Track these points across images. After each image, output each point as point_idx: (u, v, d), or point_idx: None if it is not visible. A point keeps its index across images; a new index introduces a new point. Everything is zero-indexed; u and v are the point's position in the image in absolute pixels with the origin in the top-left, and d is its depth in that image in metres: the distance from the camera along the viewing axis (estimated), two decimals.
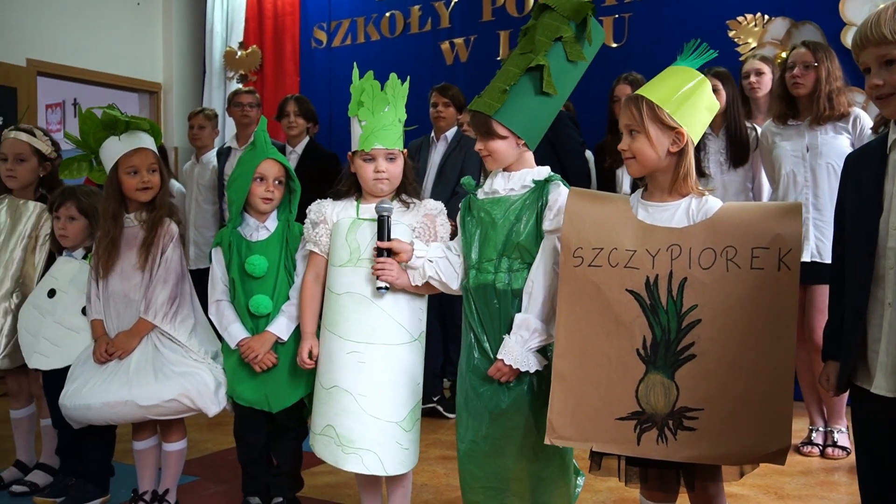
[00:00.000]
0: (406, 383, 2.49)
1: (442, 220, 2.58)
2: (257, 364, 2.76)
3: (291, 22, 7.11)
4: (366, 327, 2.48)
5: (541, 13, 2.35)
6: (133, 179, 2.93)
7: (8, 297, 3.31)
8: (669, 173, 2.02)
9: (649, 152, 2.00)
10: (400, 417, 2.46)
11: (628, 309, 1.96)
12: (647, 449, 1.93)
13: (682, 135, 1.99)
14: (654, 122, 1.99)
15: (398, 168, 2.55)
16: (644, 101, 2.00)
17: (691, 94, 2.02)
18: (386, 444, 2.45)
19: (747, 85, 4.26)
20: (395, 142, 2.53)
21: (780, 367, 1.85)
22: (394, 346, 2.48)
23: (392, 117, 2.52)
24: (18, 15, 6.51)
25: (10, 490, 3.37)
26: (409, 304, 2.52)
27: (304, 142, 5.13)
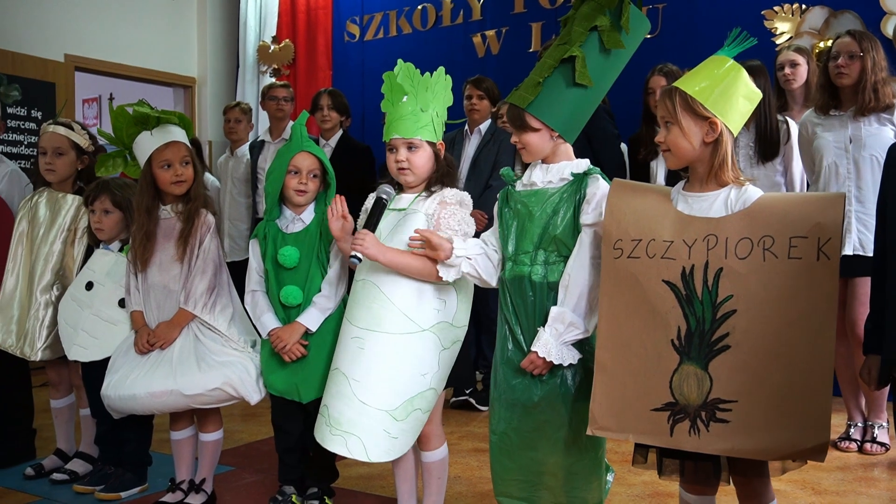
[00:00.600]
0: (406, 373, 2.45)
1: (453, 211, 2.51)
2: (286, 354, 2.78)
3: (324, 16, 7.14)
4: (370, 314, 2.49)
5: (581, 3, 2.32)
6: (167, 173, 2.96)
7: (48, 290, 3.37)
8: (706, 163, 2.00)
9: (683, 143, 1.98)
10: (392, 406, 2.44)
11: (664, 300, 1.94)
12: (680, 440, 1.92)
13: (715, 125, 1.96)
14: (686, 113, 1.97)
15: (420, 158, 2.53)
16: (677, 93, 1.99)
17: (725, 83, 1.99)
18: (372, 430, 2.43)
19: (782, 77, 4.20)
20: (414, 131, 2.50)
21: (819, 359, 1.81)
22: (396, 335, 2.45)
23: (412, 107, 2.50)
24: (57, 11, 6.60)
25: (50, 478, 3.44)
26: (420, 295, 2.47)
27: (338, 135, 5.15)
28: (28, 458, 3.71)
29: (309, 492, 2.99)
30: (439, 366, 2.50)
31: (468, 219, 2.53)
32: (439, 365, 2.50)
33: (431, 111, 2.53)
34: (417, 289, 2.48)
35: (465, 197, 2.57)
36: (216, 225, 3.05)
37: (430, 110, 2.52)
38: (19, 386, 3.76)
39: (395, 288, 2.49)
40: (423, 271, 2.44)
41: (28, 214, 3.45)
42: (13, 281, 3.40)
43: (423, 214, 2.52)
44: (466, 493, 3.19)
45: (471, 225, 2.54)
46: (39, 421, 3.92)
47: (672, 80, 4.13)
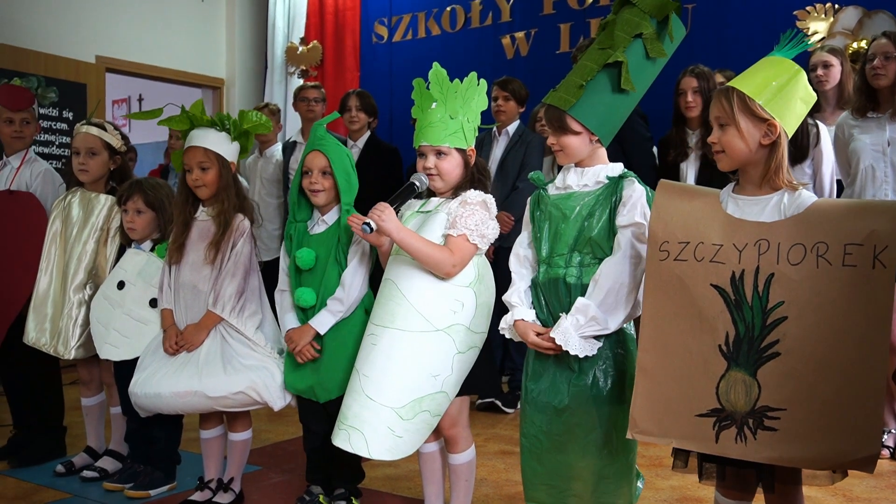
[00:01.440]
0: (416, 371, 2.42)
1: (473, 210, 2.47)
2: (298, 356, 2.80)
3: (352, 17, 7.15)
4: (386, 311, 2.49)
5: (621, 7, 2.32)
6: (189, 178, 2.99)
7: (82, 289, 3.39)
8: (761, 166, 1.96)
9: (739, 145, 1.95)
10: (398, 404, 2.40)
11: (712, 304, 1.91)
12: (726, 447, 1.88)
13: (774, 127, 1.93)
14: (744, 114, 1.93)
15: (448, 164, 2.52)
16: (734, 93, 1.94)
17: (785, 85, 1.95)
18: (376, 427, 2.40)
19: (814, 78, 4.14)
20: (442, 138, 2.49)
21: (871, 369, 1.76)
22: (408, 332, 2.43)
23: (441, 114, 2.50)
24: (89, 14, 6.68)
25: (80, 475, 3.46)
26: (436, 294, 2.46)
27: (366, 136, 5.16)
28: (58, 456, 3.74)
29: (336, 492, 2.99)
30: (453, 370, 2.46)
31: (488, 222, 2.50)
32: (453, 369, 2.46)
33: (461, 118, 2.51)
34: (434, 287, 2.47)
35: (489, 199, 2.55)
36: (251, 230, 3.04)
37: (459, 117, 2.51)
38: (50, 384, 3.80)
39: (410, 284, 2.48)
40: (434, 258, 2.42)
41: (62, 214, 3.48)
42: (47, 280, 3.44)
43: (445, 214, 2.52)
44: (493, 496, 3.18)
45: (491, 228, 2.51)
46: (69, 419, 3.96)
47: (703, 82, 4.14)
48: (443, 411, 2.50)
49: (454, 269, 2.45)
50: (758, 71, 2.00)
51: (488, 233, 2.49)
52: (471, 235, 2.45)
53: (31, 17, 6.29)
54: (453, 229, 2.46)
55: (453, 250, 2.44)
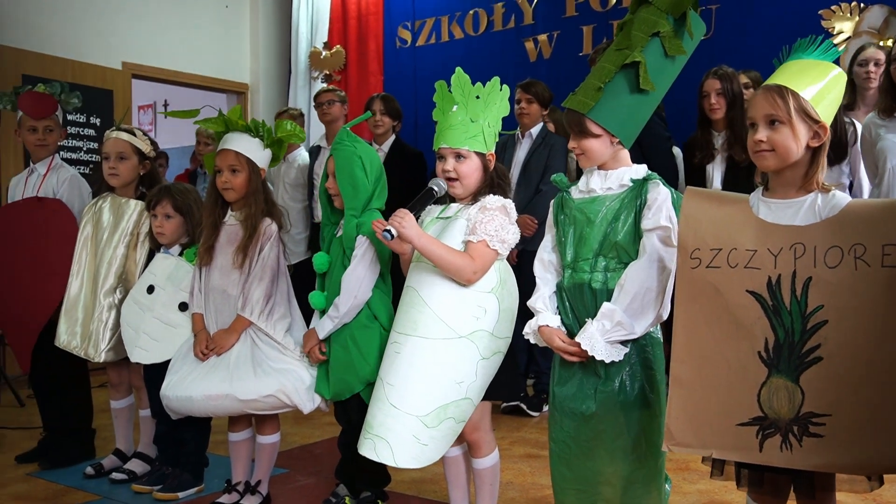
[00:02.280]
0: (440, 379, 2.41)
1: (492, 216, 2.46)
2: (310, 358, 2.89)
3: (375, 22, 7.18)
4: (408, 319, 2.49)
5: (638, 7, 2.29)
6: (219, 179, 3.02)
7: (112, 293, 3.43)
8: (801, 168, 1.93)
9: (792, 146, 1.91)
10: (423, 412, 2.40)
11: (749, 311, 1.88)
12: (770, 456, 1.85)
13: (824, 129, 1.91)
14: (800, 115, 1.90)
15: (467, 168, 2.51)
16: (790, 93, 1.91)
17: (832, 89, 1.94)
18: (401, 435, 2.40)
19: (863, 73, 4.07)
20: (462, 141, 2.49)
21: None
22: (431, 339, 2.42)
23: (461, 117, 2.49)
24: (115, 21, 6.75)
25: (109, 477, 3.50)
26: (458, 300, 2.45)
27: (391, 140, 5.17)
28: (88, 458, 3.78)
29: (362, 495, 3.01)
30: (477, 376, 2.45)
31: (508, 227, 2.49)
32: (477, 375, 2.45)
33: (482, 121, 2.50)
34: (456, 294, 2.46)
35: (509, 204, 2.53)
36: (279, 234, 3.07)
37: (480, 120, 2.50)
38: (79, 386, 3.84)
39: (431, 291, 2.47)
40: (455, 265, 2.42)
41: (92, 219, 3.52)
42: (78, 284, 3.48)
43: (465, 220, 2.51)
44: (519, 499, 3.17)
45: (512, 234, 2.49)
46: (98, 421, 4.00)
47: (727, 83, 4.11)
48: (468, 417, 2.49)
49: (475, 276, 2.44)
50: (804, 72, 1.95)
51: (508, 238, 2.48)
52: (491, 241, 2.44)
53: (59, 25, 6.37)
54: (473, 235, 2.45)
55: (474, 257, 2.44)
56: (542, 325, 2.28)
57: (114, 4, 6.74)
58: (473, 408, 2.49)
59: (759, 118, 1.94)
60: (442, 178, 2.54)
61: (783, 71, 1.97)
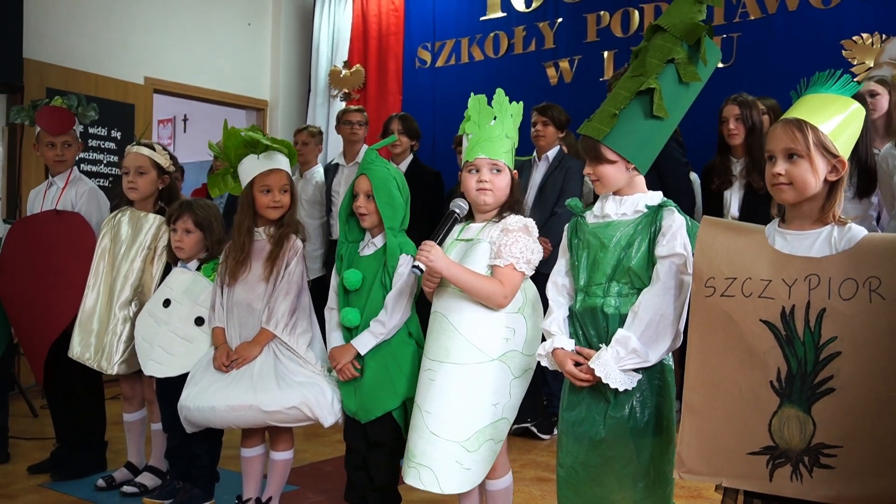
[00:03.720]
0: (476, 403, 2.44)
1: (516, 238, 2.48)
2: (340, 374, 2.85)
3: (395, 42, 7.23)
4: (439, 346, 2.51)
5: (653, 34, 2.29)
6: (266, 197, 3.03)
7: (127, 306, 3.45)
8: (818, 202, 1.93)
9: (811, 179, 1.91)
10: (463, 437, 2.43)
11: (762, 340, 1.88)
12: (780, 486, 1.84)
13: (843, 164, 1.91)
14: (819, 150, 1.91)
15: (502, 181, 2.53)
16: (809, 127, 1.92)
17: (851, 123, 1.95)
18: (445, 462, 2.43)
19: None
20: (501, 154, 2.52)
21: None
22: (464, 365, 2.45)
23: (499, 131, 2.52)
24: (138, 36, 6.84)
25: (121, 490, 3.51)
26: (487, 324, 2.47)
27: (409, 160, 5.20)
28: (99, 470, 3.80)
29: None
30: (511, 395, 2.48)
31: (532, 245, 2.50)
32: (511, 394, 2.48)
33: (513, 139, 2.56)
34: (485, 317, 2.48)
35: (530, 223, 2.55)
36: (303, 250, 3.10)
37: (512, 137, 2.55)
38: (93, 399, 3.86)
39: (461, 317, 2.49)
40: (486, 291, 2.44)
41: (111, 232, 3.55)
42: (94, 296, 3.50)
43: (488, 243, 2.52)
44: None
45: (536, 252, 2.51)
46: (110, 434, 4.01)
47: (747, 110, 4.12)
48: (504, 436, 2.52)
49: (506, 301, 2.47)
50: (824, 107, 1.96)
51: (533, 258, 2.50)
52: (517, 263, 2.46)
53: (84, 40, 6.46)
54: (499, 259, 2.46)
55: (503, 281, 2.45)
56: (556, 348, 2.28)
57: (137, 20, 6.83)
58: (509, 425, 2.52)
59: (777, 151, 1.95)
60: (475, 190, 2.54)
61: (802, 104, 1.98)
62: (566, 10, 6.25)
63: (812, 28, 5.16)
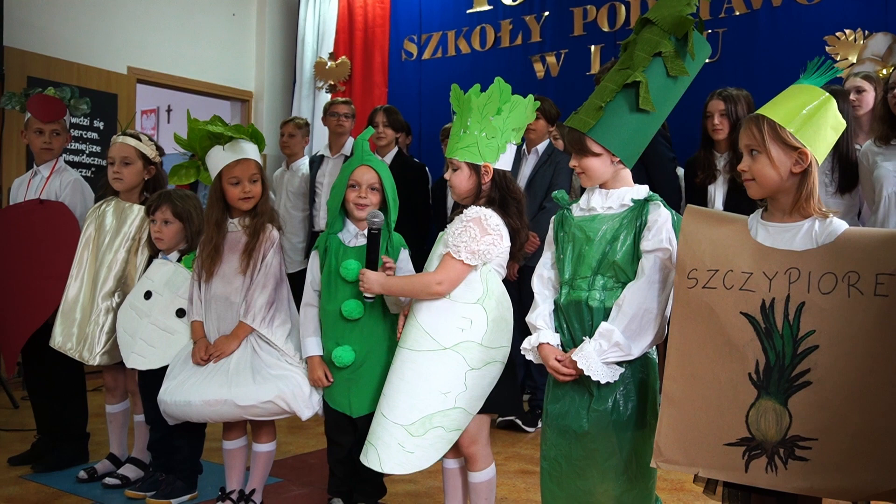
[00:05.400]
0: (424, 390, 2.47)
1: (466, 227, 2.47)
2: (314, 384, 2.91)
3: (381, 34, 7.20)
4: (404, 333, 2.58)
5: (642, 28, 2.30)
6: (235, 189, 3.00)
7: (110, 297, 3.43)
8: (791, 194, 1.95)
9: (770, 173, 1.94)
10: (407, 421, 2.47)
11: (742, 332, 1.90)
12: (755, 477, 1.86)
13: (805, 155, 1.92)
14: (775, 142, 1.93)
15: (457, 178, 2.54)
16: (765, 121, 1.94)
17: (816, 112, 1.95)
18: (388, 443, 2.49)
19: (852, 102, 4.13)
20: (453, 151, 2.53)
21: None
22: (416, 352, 2.50)
23: (457, 127, 2.53)
24: (122, 26, 6.78)
25: (103, 482, 3.49)
26: (443, 313, 2.50)
27: (393, 152, 5.19)
28: (81, 462, 3.78)
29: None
30: (466, 386, 2.48)
31: (482, 238, 2.47)
32: (466, 385, 2.48)
33: (476, 132, 2.49)
34: (442, 307, 2.51)
35: (486, 215, 2.50)
36: (280, 240, 3.09)
37: (472, 130, 2.49)
38: (74, 390, 3.83)
39: (420, 306, 2.55)
40: (417, 286, 2.56)
41: (95, 222, 3.53)
42: (77, 286, 3.48)
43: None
44: None
45: (485, 244, 2.47)
46: (93, 425, 3.99)
47: (731, 105, 4.13)
48: (461, 426, 2.51)
49: (440, 287, 2.49)
50: (787, 99, 1.99)
51: (480, 249, 2.47)
52: (455, 252, 2.46)
53: (65, 28, 6.39)
54: (444, 248, 2.52)
55: (439, 268, 2.51)
56: (542, 343, 2.28)
57: (121, 9, 6.77)
58: (468, 417, 2.51)
59: (742, 148, 2.00)
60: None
61: (775, 98, 2.00)
62: (553, 3, 6.25)
63: (796, 24, 5.19)
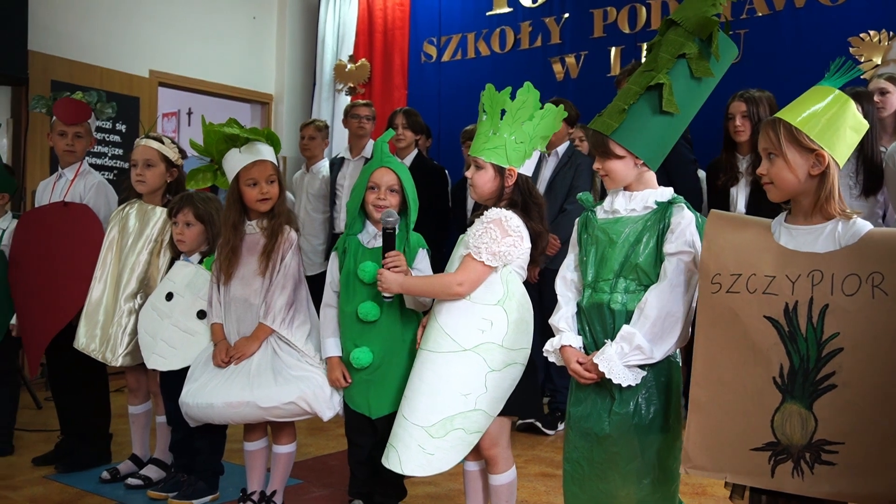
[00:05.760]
0: (445, 391, 2.46)
1: (484, 229, 2.47)
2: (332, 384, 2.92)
3: (401, 36, 7.20)
4: (425, 334, 2.59)
5: (667, 29, 2.29)
6: (253, 191, 3.02)
7: (133, 298, 3.46)
8: (811, 196, 1.93)
9: (787, 176, 1.93)
10: (428, 423, 2.46)
11: (765, 336, 1.88)
12: (782, 482, 1.85)
13: (822, 157, 1.90)
14: (791, 145, 1.91)
15: (481, 178, 2.53)
16: (781, 124, 1.93)
17: (832, 113, 1.93)
18: (408, 444, 2.48)
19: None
20: (480, 150, 2.52)
21: None
22: (437, 353, 2.49)
23: (486, 127, 2.52)
24: (144, 29, 6.83)
25: (125, 482, 3.52)
26: (464, 314, 2.49)
27: (413, 154, 5.20)
28: (104, 462, 3.81)
29: None
30: (487, 388, 2.47)
31: (502, 239, 2.46)
32: (487, 387, 2.47)
33: (506, 135, 2.49)
34: (462, 309, 2.50)
35: (507, 216, 2.49)
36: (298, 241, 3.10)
37: (502, 133, 2.49)
38: (98, 391, 3.86)
39: (441, 307, 2.55)
40: (437, 287, 2.58)
41: (119, 224, 3.56)
42: (101, 287, 3.51)
43: None
44: None
45: (505, 246, 2.47)
46: (115, 426, 4.02)
47: (753, 106, 4.10)
48: (482, 428, 2.50)
49: (461, 288, 2.49)
50: (805, 101, 1.97)
51: (501, 250, 2.46)
52: (476, 253, 2.46)
53: (89, 32, 6.45)
54: (465, 249, 2.52)
55: (460, 269, 2.51)
56: (564, 346, 2.27)
57: (143, 13, 6.82)
58: (489, 419, 2.50)
59: (761, 151, 1.98)
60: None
61: (793, 102, 1.98)
62: (573, 5, 6.23)
63: (819, 25, 5.14)
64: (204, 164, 3.20)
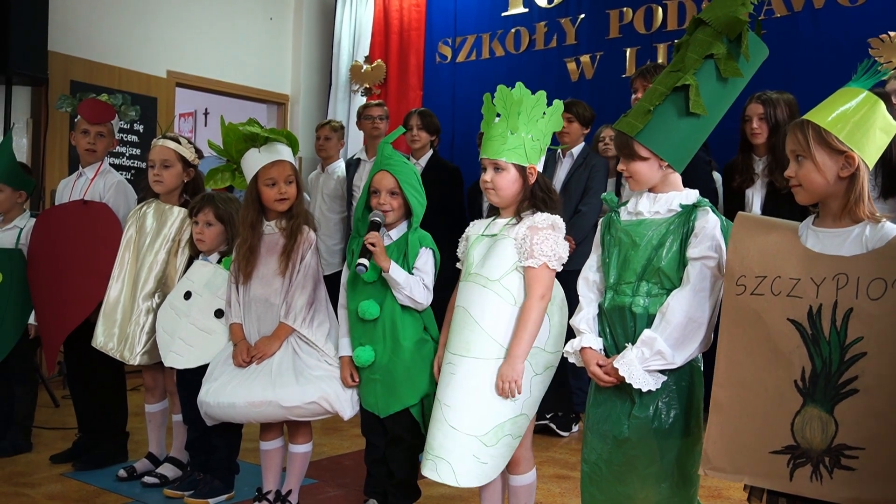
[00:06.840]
0: (496, 398, 2.44)
1: (546, 236, 2.48)
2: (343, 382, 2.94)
3: (417, 37, 7.21)
4: (461, 340, 2.51)
5: (695, 28, 2.26)
6: (271, 190, 3.03)
7: (150, 297, 3.48)
8: (840, 199, 1.91)
9: (817, 178, 1.90)
10: (481, 432, 2.43)
11: (788, 339, 1.87)
12: (800, 486, 1.83)
13: (852, 159, 1.87)
14: (820, 147, 1.89)
15: (504, 180, 2.51)
16: (810, 126, 1.91)
17: (861, 115, 1.90)
18: (462, 456, 2.43)
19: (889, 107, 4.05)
20: (500, 152, 2.49)
21: None
22: (484, 360, 2.46)
23: (502, 128, 2.49)
24: (162, 30, 6.87)
25: (142, 480, 3.54)
26: (510, 319, 2.47)
27: (428, 155, 5.20)
28: (121, 460, 3.83)
29: None
30: (531, 391, 2.48)
31: (562, 242, 2.51)
32: (531, 391, 2.48)
33: (524, 134, 2.49)
34: (507, 313, 2.48)
35: (557, 220, 2.53)
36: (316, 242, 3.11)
37: (521, 133, 2.49)
38: (115, 389, 3.89)
39: (483, 312, 2.50)
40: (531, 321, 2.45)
41: (136, 223, 3.59)
42: (118, 287, 3.53)
43: (513, 240, 2.52)
44: None
45: (565, 249, 2.51)
46: (132, 424, 4.04)
47: (770, 108, 4.08)
48: (523, 432, 2.52)
49: (544, 301, 2.47)
50: (833, 102, 1.95)
51: (563, 253, 2.50)
52: (550, 262, 2.46)
53: (107, 33, 6.49)
54: (531, 259, 2.46)
55: (536, 282, 2.46)
56: (584, 347, 2.27)
57: (161, 14, 6.87)
58: (528, 422, 2.52)
59: (788, 154, 1.96)
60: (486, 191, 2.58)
61: (821, 103, 1.96)
62: (588, 5, 6.21)
63: (838, 26, 5.09)
64: (221, 163, 3.21)
